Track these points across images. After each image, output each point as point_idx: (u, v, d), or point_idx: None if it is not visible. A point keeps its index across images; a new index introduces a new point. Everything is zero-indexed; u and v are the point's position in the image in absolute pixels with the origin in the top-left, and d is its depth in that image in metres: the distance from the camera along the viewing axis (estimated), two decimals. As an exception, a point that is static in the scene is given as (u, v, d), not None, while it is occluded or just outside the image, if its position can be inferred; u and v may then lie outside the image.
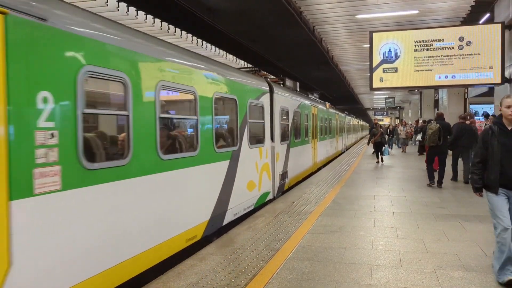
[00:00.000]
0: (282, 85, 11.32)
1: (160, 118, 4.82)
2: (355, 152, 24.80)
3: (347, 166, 15.98)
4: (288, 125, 10.92)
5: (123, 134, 4.33)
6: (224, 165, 6.70)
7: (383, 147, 17.76)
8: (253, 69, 11.19)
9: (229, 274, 4.50)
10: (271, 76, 12.37)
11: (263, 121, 8.78)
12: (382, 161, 17.21)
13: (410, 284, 4.15)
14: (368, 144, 20.11)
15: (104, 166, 3.95)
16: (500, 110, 4.41)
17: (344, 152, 25.73)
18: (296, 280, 4.29)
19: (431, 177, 10.64)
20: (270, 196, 9.17)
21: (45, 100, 3.26)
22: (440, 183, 10.45)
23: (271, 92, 9.43)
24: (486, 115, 15.00)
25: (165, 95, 5.21)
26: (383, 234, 6.06)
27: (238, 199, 7.23)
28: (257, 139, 8.44)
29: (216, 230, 6.38)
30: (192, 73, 5.70)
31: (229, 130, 7.27)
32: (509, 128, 4.27)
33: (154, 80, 4.72)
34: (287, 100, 10.92)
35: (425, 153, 11.59)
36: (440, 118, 11.07)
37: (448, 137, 10.52)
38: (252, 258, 5.00)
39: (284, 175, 10.38)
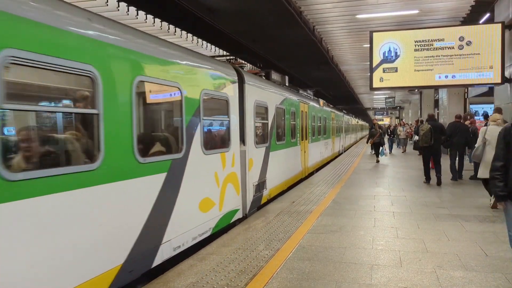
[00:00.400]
0: (264, 78, 9.93)
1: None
2: (355, 152, 24.78)
3: (347, 166, 15.98)
4: (267, 124, 9.24)
5: None
6: (156, 180, 4.74)
7: (381, 148, 18.18)
8: (229, 57, 9.63)
9: (229, 274, 4.50)
10: (251, 67, 11.59)
11: (227, 118, 6.94)
12: (379, 161, 17.77)
13: (410, 284, 4.15)
14: (367, 143, 20.47)
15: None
16: None
17: (342, 153, 25.04)
18: (296, 280, 4.29)
19: (427, 176, 11.15)
20: (238, 215, 7.29)
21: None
22: (439, 182, 10.69)
23: (241, 82, 7.61)
24: (485, 115, 14.99)
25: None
26: (383, 234, 6.06)
27: (182, 225, 5.30)
28: (217, 143, 6.71)
29: (140, 275, 4.44)
30: (90, 43, 3.84)
31: (166, 131, 5.54)
32: None
33: None
34: (265, 93, 9.14)
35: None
36: (431, 119, 11.43)
37: (442, 137, 10.82)
38: (252, 258, 5.00)
39: (260, 186, 8.59)
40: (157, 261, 4.72)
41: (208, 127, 6.27)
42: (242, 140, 7.66)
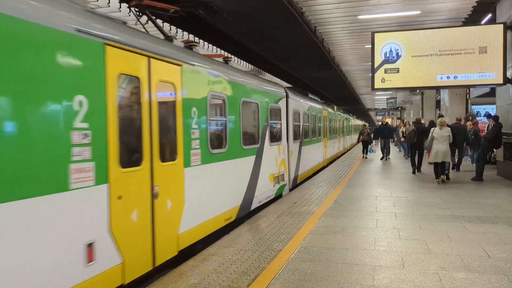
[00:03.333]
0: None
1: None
2: (358, 152, 24.76)
3: (348, 167, 15.97)
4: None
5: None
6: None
7: (369, 145, 21.06)
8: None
9: (231, 275, 4.49)
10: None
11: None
12: (367, 157, 20.34)
13: (412, 285, 4.14)
14: (358, 142, 23.37)
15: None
16: None
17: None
18: (298, 281, 4.28)
19: (413, 165, 13.71)
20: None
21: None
22: (419, 169, 13.67)
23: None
24: (488, 115, 14.98)
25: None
26: (385, 234, 6.05)
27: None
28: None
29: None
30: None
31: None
32: None
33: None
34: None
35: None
36: (417, 122, 14.59)
37: (425, 137, 12.39)
38: (254, 259, 4.99)
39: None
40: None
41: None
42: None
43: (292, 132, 11.21)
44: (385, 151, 19.18)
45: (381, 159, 19.00)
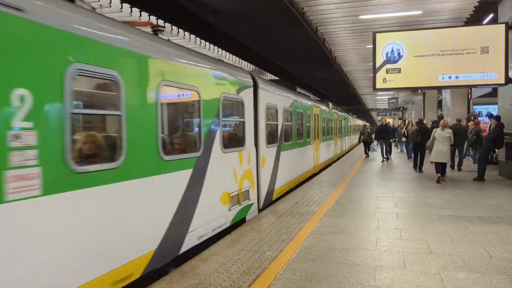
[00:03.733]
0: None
1: None
2: (359, 153, 24.74)
3: (350, 167, 15.95)
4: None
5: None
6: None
7: (370, 145, 22.15)
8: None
9: (232, 275, 4.49)
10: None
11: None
12: (368, 156, 21.24)
13: (414, 285, 4.14)
14: (359, 142, 24.15)
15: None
16: None
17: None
18: (299, 281, 4.28)
19: (415, 164, 14.46)
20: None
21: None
22: (420, 169, 14.07)
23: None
24: (490, 115, 14.95)
25: None
26: (386, 235, 6.05)
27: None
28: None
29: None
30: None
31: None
32: None
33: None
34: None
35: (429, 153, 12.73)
36: (420, 122, 15.13)
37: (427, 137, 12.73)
38: (256, 259, 4.99)
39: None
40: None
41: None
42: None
43: (264, 133, 8.64)
44: (386, 152, 18.72)
45: (382, 161, 18.37)
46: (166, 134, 5.25)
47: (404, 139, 17.67)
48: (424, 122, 16.40)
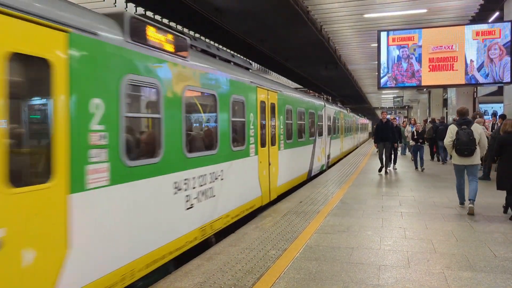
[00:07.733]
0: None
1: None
2: (364, 151, 24.67)
3: (354, 166, 15.93)
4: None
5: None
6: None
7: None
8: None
9: (236, 273, 4.51)
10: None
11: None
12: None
13: (418, 284, 4.14)
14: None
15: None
16: None
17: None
18: (303, 280, 4.29)
19: (416, 165, 14.54)
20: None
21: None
22: (422, 168, 14.21)
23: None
24: (495, 114, 14.87)
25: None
26: (391, 234, 6.04)
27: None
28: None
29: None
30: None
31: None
32: None
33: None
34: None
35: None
36: (434, 121, 16.13)
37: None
38: (260, 258, 5.01)
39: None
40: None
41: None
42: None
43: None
44: (387, 160, 13.60)
45: (379, 171, 13.59)
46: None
47: (412, 142, 14.71)
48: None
